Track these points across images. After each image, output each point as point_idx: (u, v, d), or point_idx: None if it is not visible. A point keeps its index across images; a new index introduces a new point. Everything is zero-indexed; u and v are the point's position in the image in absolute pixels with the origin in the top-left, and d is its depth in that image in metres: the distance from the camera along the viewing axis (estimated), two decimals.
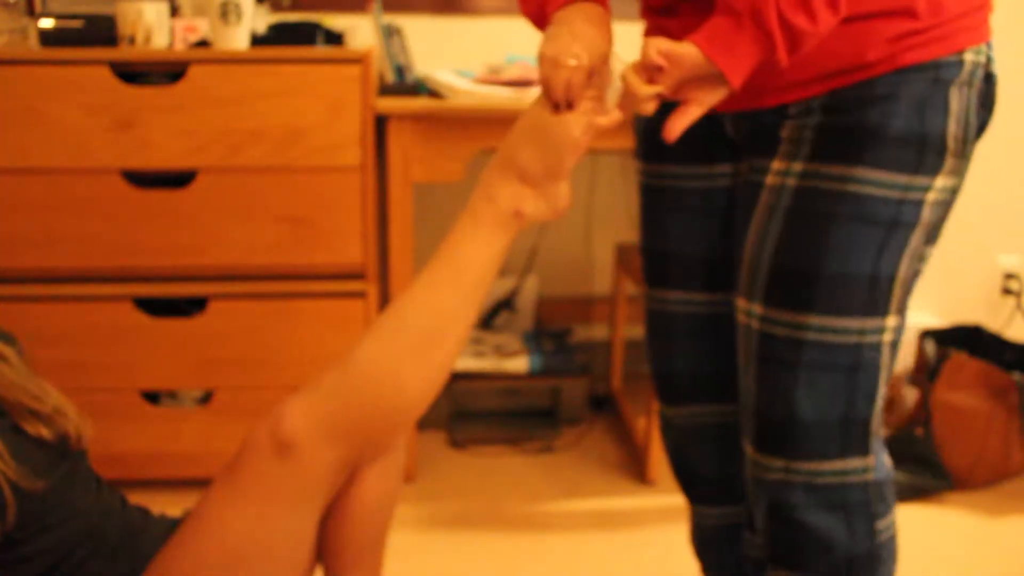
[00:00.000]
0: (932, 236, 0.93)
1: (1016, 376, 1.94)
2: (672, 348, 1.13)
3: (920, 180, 0.88)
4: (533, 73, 1.86)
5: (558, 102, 0.88)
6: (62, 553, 0.83)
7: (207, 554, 0.82)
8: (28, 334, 1.76)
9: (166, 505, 1.07)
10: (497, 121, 1.77)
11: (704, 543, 1.21)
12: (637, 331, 2.48)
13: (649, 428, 1.95)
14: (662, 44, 0.82)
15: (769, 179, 0.93)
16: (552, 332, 2.36)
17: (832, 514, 0.93)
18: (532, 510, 1.87)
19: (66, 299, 1.75)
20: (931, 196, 0.89)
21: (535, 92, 1.76)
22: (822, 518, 0.93)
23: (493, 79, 1.84)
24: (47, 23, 1.71)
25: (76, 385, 1.78)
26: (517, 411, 2.22)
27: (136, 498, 0.99)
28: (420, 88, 1.86)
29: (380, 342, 0.87)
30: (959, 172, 0.91)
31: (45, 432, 0.83)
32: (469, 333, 0.90)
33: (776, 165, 0.93)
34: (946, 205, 0.92)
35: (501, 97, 1.76)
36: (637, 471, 2.03)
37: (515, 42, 2.23)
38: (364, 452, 0.87)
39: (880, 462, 0.96)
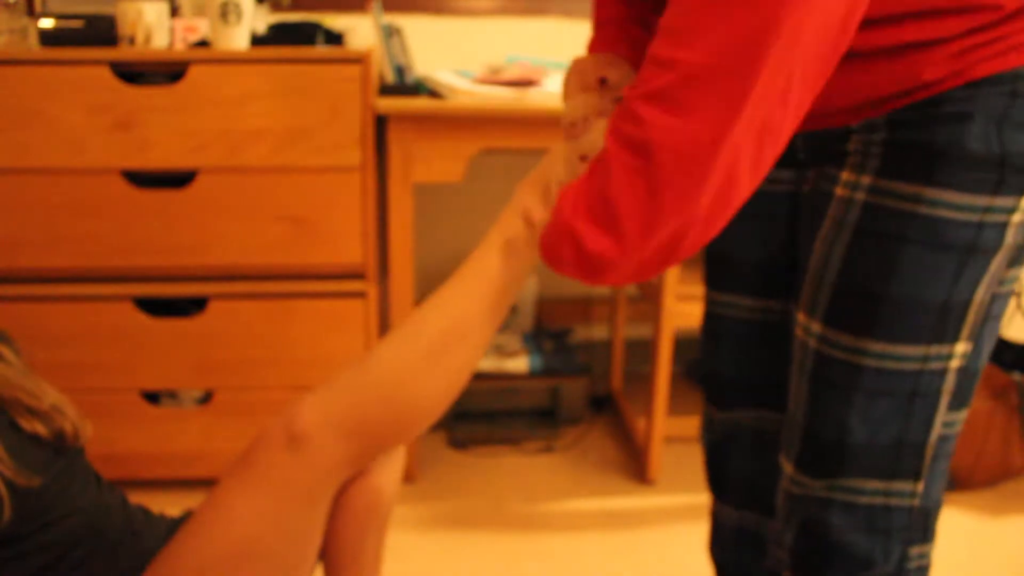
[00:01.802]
0: (1020, 258, 0.86)
1: (1016, 376, 1.94)
2: (722, 352, 1.11)
3: (1003, 201, 0.80)
4: (533, 73, 1.86)
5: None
6: (60, 550, 0.84)
7: (216, 545, 0.83)
8: (28, 334, 1.76)
9: (166, 505, 1.07)
10: (497, 121, 1.77)
11: (721, 543, 1.20)
12: (637, 331, 2.48)
13: (649, 428, 1.95)
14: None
15: (838, 191, 0.89)
16: (552, 332, 2.36)
17: (870, 536, 0.90)
18: (532, 510, 1.87)
19: (66, 299, 1.75)
20: (1017, 217, 0.82)
21: (535, 92, 1.77)
22: (859, 539, 0.90)
23: (493, 79, 1.84)
24: (47, 23, 1.71)
25: (76, 385, 1.78)
26: (517, 411, 2.22)
27: (136, 498, 0.99)
28: (420, 88, 1.86)
29: (399, 344, 0.87)
30: None
31: (41, 429, 0.83)
32: (488, 343, 0.90)
33: (845, 176, 0.88)
34: None
35: (501, 97, 1.76)
36: (637, 471, 2.03)
37: (515, 42, 2.24)
38: (373, 452, 0.87)
39: (931, 490, 0.91)
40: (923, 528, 0.93)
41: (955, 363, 0.86)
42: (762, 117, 0.69)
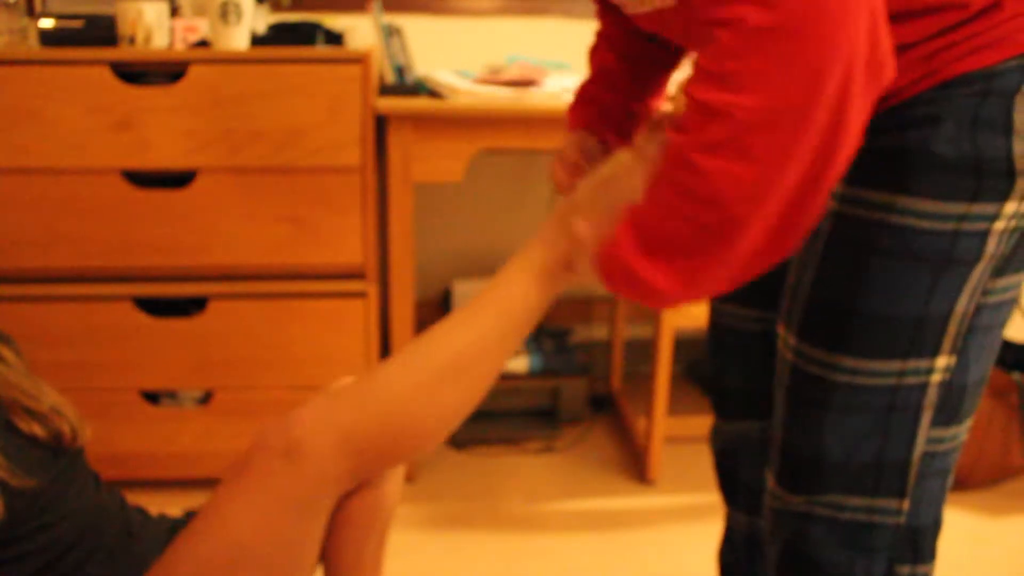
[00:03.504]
0: (1009, 267, 0.82)
1: (1016, 376, 1.94)
2: (725, 363, 1.10)
3: (980, 208, 0.77)
4: (533, 73, 1.86)
5: None
6: (57, 552, 0.83)
7: (210, 550, 0.82)
8: (28, 334, 1.76)
9: (166, 505, 1.07)
10: (497, 121, 1.77)
11: (732, 547, 1.21)
12: (637, 331, 2.48)
13: (649, 428, 1.95)
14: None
15: None
16: (552, 332, 2.36)
17: (852, 552, 0.88)
18: (532, 510, 1.87)
19: (66, 299, 1.75)
20: (999, 225, 0.78)
21: (535, 92, 1.77)
22: (840, 554, 0.88)
23: (493, 79, 1.84)
24: (47, 23, 1.71)
25: (76, 385, 1.78)
26: (517, 411, 2.22)
27: (136, 498, 0.99)
28: (420, 88, 1.86)
29: (409, 363, 0.86)
30: None
31: (39, 430, 0.83)
32: (498, 374, 0.89)
33: None
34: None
35: (501, 97, 1.76)
36: (637, 471, 2.03)
37: (515, 42, 2.24)
38: (371, 469, 0.86)
39: (921, 508, 0.89)
40: (912, 547, 0.90)
41: (936, 377, 0.83)
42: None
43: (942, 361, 0.83)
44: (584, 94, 1.06)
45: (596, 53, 1.07)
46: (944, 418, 0.86)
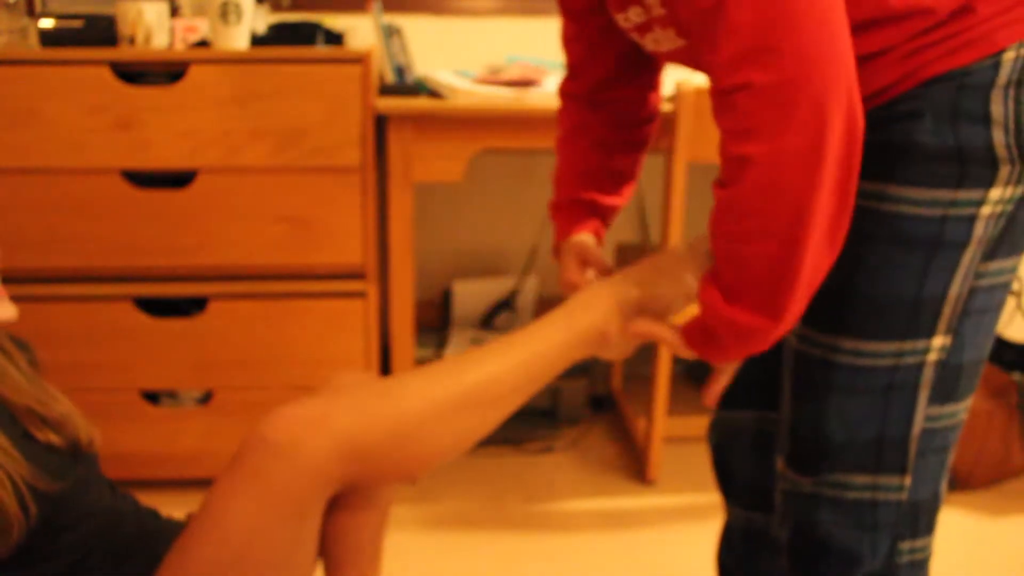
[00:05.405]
0: (999, 251, 0.86)
1: (1016, 376, 1.94)
2: None
3: (967, 194, 0.81)
4: (533, 73, 1.86)
5: None
6: (79, 554, 0.84)
7: (208, 553, 0.82)
8: (28, 334, 1.76)
9: (167, 505, 1.07)
10: (497, 121, 1.77)
11: (730, 544, 1.21)
12: None
13: (649, 428, 1.95)
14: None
15: None
16: None
17: (858, 531, 0.92)
18: (532, 510, 1.87)
19: (66, 299, 1.75)
20: (986, 210, 0.83)
21: (535, 92, 1.77)
22: (847, 534, 0.92)
23: (493, 79, 1.84)
24: (47, 23, 1.71)
25: (76, 385, 1.78)
26: (517, 411, 2.21)
27: (137, 498, 0.99)
28: (420, 88, 1.86)
29: (431, 382, 0.86)
30: None
31: (55, 438, 0.83)
32: (512, 413, 0.92)
33: None
34: (1012, 216, 0.84)
35: (501, 97, 1.76)
36: (637, 471, 2.03)
37: (515, 42, 2.24)
38: (367, 479, 0.85)
39: (922, 484, 0.92)
40: (913, 522, 0.93)
41: (932, 357, 0.87)
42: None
43: (938, 341, 0.87)
44: (568, 198, 1.13)
45: (568, 144, 1.14)
46: (941, 396, 0.90)
